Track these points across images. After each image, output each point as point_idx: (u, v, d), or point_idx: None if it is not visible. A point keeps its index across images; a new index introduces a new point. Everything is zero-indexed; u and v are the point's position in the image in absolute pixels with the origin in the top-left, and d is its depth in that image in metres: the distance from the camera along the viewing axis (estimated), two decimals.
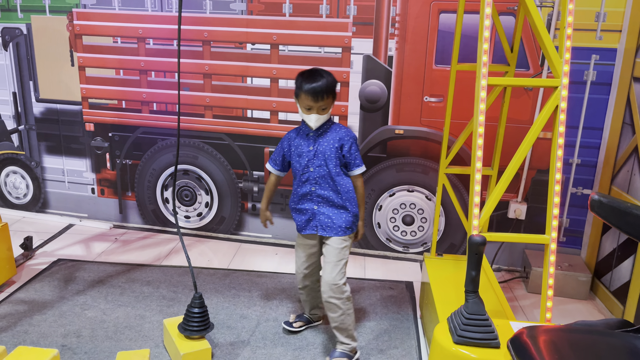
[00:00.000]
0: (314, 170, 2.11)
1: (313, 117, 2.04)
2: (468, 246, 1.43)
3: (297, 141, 2.16)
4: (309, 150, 2.12)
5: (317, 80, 2.00)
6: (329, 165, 2.10)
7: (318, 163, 2.11)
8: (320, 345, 2.30)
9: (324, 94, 2.01)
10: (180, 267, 2.98)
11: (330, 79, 2.04)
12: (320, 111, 2.04)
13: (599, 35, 2.71)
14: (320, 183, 2.12)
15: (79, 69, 3.33)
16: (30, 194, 3.70)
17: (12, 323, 2.37)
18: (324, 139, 2.11)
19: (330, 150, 2.10)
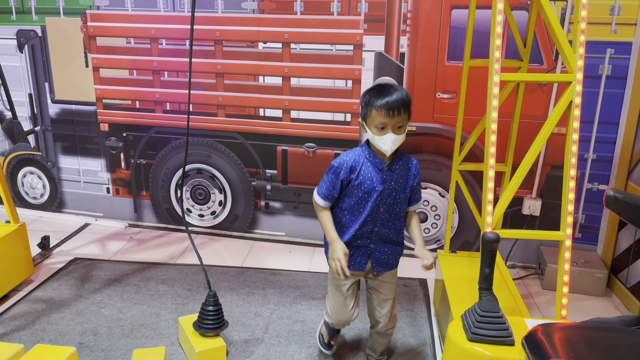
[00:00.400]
0: (384, 210, 1.83)
1: (388, 138, 1.70)
2: (481, 243, 1.42)
3: (363, 175, 1.80)
4: (382, 188, 1.79)
5: (391, 93, 1.70)
6: (402, 205, 1.85)
7: (390, 202, 1.82)
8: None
9: (400, 108, 1.69)
10: (194, 266, 3.00)
11: (405, 92, 1.74)
12: (396, 129, 1.71)
13: (613, 28, 2.68)
14: (385, 223, 1.86)
15: (93, 70, 3.37)
16: (47, 194, 3.75)
17: (31, 321, 2.41)
18: (399, 174, 1.81)
19: (405, 189, 1.83)
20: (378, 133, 1.73)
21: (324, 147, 3.18)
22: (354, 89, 3.05)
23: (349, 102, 3.07)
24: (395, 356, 2.22)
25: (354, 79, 3.03)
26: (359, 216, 1.84)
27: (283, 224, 3.41)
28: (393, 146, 1.72)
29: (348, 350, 2.26)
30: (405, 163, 1.85)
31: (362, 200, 1.82)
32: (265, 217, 3.43)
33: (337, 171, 1.81)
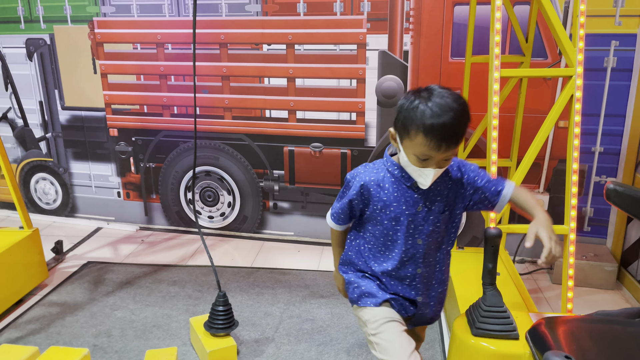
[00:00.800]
0: (423, 242, 1.41)
1: (429, 174, 1.31)
2: (484, 239, 1.43)
3: (388, 195, 1.40)
4: (416, 212, 1.39)
5: (448, 114, 1.24)
6: (449, 234, 1.45)
7: (430, 230, 1.40)
8: (344, 341, 2.32)
9: (457, 139, 1.27)
10: (205, 267, 3.04)
11: (466, 108, 1.29)
12: (442, 163, 1.31)
13: (617, 20, 2.66)
14: (428, 261, 1.44)
15: (101, 76, 3.42)
16: (59, 200, 3.81)
17: (46, 325, 2.46)
18: (436, 190, 1.39)
19: (452, 207, 1.42)
20: (417, 163, 1.32)
21: (330, 146, 3.20)
22: (359, 88, 3.06)
23: (354, 101, 3.08)
24: None
25: (359, 78, 3.04)
26: (390, 254, 1.44)
27: (291, 223, 3.43)
28: (432, 180, 1.32)
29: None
30: (443, 176, 1.39)
31: (390, 230, 1.42)
32: (273, 218, 3.46)
33: (352, 190, 1.44)
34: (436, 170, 1.31)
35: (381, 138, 3.12)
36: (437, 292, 1.50)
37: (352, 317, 2.50)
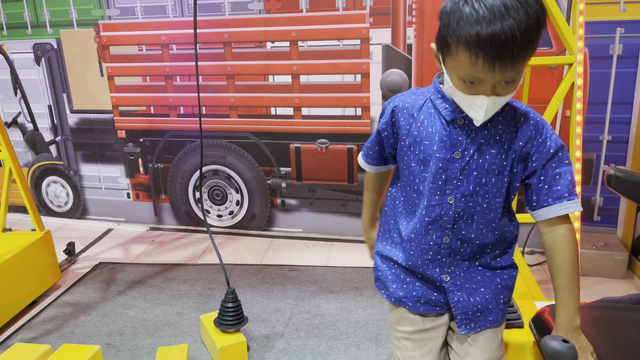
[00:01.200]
0: (456, 202, 1.10)
1: (481, 104, 0.99)
2: None
3: (419, 128, 1.10)
4: (451, 158, 1.08)
5: (502, 17, 0.89)
6: (491, 193, 1.09)
7: (470, 190, 1.08)
8: (353, 335, 2.34)
9: (517, 54, 0.92)
10: (214, 265, 3.06)
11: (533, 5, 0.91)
12: (501, 89, 0.98)
13: (622, 7, 2.64)
14: (461, 233, 1.12)
15: (108, 79, 3.45)
16: (70, 202, 3.86)
17: (59, 325, 2.50)
18: (491, 137, 1.06)
19: (502, 168, 1.07)
20: (464, 89, 0.99)
21: (336, 142, 3.21)
22: (363, 83, 3.06)
23: (359, 97, 3.09)
24: None
25: (363, 73, 3.05)
26: (415, 210, 1.14)
27: (300, 220, 3.45)
28: (488, 115, 0.99)
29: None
30: (511, 117, 1.07)
31: (417, 177, 1.11)
32: (281, 215, 3.48)
33: (381, 123, 1.17)
34: (492, 98, 0.97)
35: None
36: (476, 279, 1.15)
37: (361, 311, 2.52)
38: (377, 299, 2.61)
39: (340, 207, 3.34)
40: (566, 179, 1.06)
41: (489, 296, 1.16)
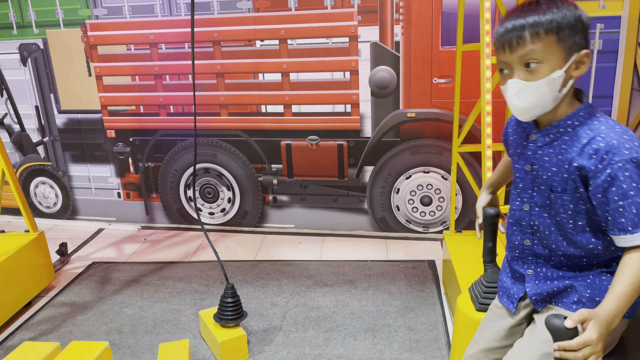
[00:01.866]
0: (531, 209, 1.21)
1: (509, 87, 1.11)
2: (483, 219, 1.50)
3: (514, 139, 1.27)
4: (524, 170, 1.21)
5: (524, 13, 1.07)
6: (562, 209, 1.15)
7: (540, 200, 1.19)
8: (350, 326, 2.39)
9: (537, 30, 1.05)
10: (209, 262, 3.09)
11: (561, 6, 1.06)
12: (522, 71, 1.09)
13: (602, 4, 2.74)
14: (543, 239, 1.21)
15: (96, 79, 3.45)
16: (59, 203, 3.84)
17: (57, 325, 2.51)
18: (553, 156, 1.14)
19: (564, 186, 1.13)
20: (500, 81, 1.15)
21: (326, 138, 3.26)
22: (352, 80, 3.12)
23: (348, 93, 3.14)
24: (410, 335, 2.31)
25: (352, 70, 3.10)
26: (510, 212, 1.28)
27: (292, 216, 3.49)
28: (522, 102, 1.10)
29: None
30: (578, 138, 1.10)
31: (513, 183, 1.25)
32: (273, 211, 3.52)
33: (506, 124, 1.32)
34: (514, 81, 1.08)
35: (376, 128, 3.17)
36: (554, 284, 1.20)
37: (357, 303, 2.58)
38: (371, 291, 2.68)
39: (331, 202, 3.39)
40: (630, 212, 1.05)
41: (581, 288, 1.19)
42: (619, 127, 1.09)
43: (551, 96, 1.09)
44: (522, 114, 1.13)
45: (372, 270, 2.92)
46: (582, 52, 1.08)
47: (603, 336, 1.00)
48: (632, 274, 1.05)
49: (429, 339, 2.28)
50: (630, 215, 1.05)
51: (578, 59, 1.09)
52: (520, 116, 1.13)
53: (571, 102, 1.14)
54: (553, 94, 1.09)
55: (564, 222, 1.16)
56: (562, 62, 1.07)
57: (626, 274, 1.06)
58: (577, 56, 1.08)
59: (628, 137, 1.07)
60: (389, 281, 2.78)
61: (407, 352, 2.20)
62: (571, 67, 1.09)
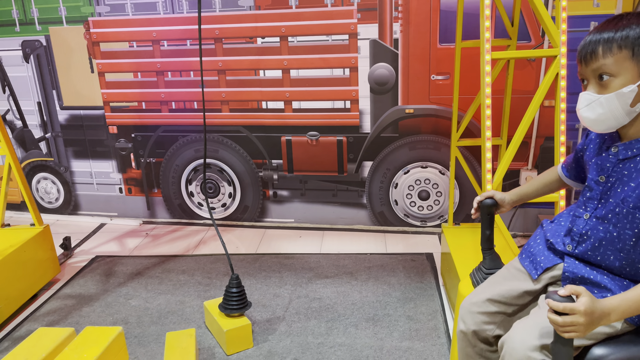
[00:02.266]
0: (588, 219, 1.26)
1: (580, 99, 1.18)
2: (480, 208, 1.56)
3: (588, 152, 1.32)
4: (597, 180, 1.24)
5: (603, 27, 1.15)
6: (626, 224, 1.18)
7: (601, 211, 1.23)
8: (351, 316, 2.45)
9: (611, 46, 1.12)
10: (211, 255, 3.15)
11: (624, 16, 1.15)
12: (595, 84, 1.16)
13: (596, 2, 2.81)
14: (587, 251, 1.26)
15: (98, 75, 3.49)
16: (61, 198, 3.88)
17: (63, 316, 2.56)
18: (634, 171, 1.17)
19: (636, 195, 1.15)
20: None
21: (326, 134, 3.32)
22: (352, 77, 3.18)
23: (348, 90, 3.20)
24: (410, 324, 2.37)
25: (351, 67, 3.16)
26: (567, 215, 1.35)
27: (292, 211, 3.55)
28: (592, 114, 1.15)
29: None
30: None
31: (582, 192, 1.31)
32: (274, 206, 3.57)
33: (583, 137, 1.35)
34: (586, 93, 1.15)
35: (375, 124, 3.24)
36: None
37: (357, 294, 2.64)
38: (371, 283, 2.74)
39: (331, 197, 3.45)
40: None
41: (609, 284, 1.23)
42: None
43: (622, 110, 1.13)
44: (592, 125, 1.17)
45: (372, 262, 2.98)
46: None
47: (591, 317, 1.04)
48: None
49: (428, 327, 2.34)
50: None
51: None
52: (592, 127, 1.17)
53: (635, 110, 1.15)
54: (625, 108, 1.12)
55: (626, 237, 1.18)
56: (635, 77, 1.11)
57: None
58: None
59: None
60: (389, 273, 2.84)
61: (407, 340, 2.26)
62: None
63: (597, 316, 1.06)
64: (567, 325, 1.04)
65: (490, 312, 1.39)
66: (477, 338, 1.42)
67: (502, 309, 1.39)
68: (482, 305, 1.40)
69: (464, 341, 1.45)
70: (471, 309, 1.42)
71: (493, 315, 1.40)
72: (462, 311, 1.44)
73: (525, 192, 1.57)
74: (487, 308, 1.39)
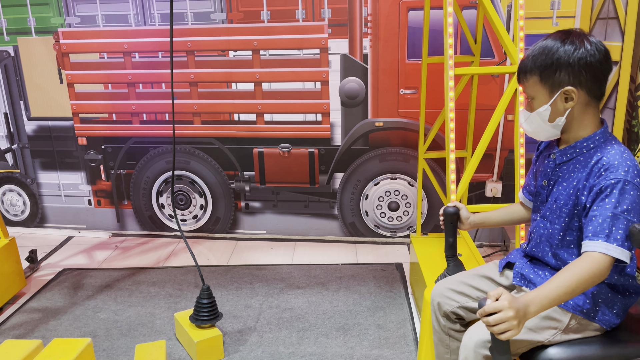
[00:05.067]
0: (537, 223, 1.42)
1: (520, 115, 1.37)
2: (443, 216, 1.62)
3: (538, 162, 1.47)
4: (542, 185, 1.40)
5: (527, 53, 1.32)
6: (555, 219, 1.35)
7: (546, 213, 1.38)
8: (322, 326, 2.48)
9: (525, 72, 1.30)
10: (182, 267, 3.13)
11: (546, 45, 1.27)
12: (527, 102, 1.34)
13: (555, 22, 2.95)
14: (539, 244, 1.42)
15: (68, 86, 3.46)
16: (27, 210, 3.81)
17: (30, 330, 2.51)
18: (567, 173, 1.32)
19: (566, 194, 1.31)
20: None
21: (298, 146, 3.36)
22: (323, 90, 3.24)
23: (319, 103, 3.26)
24: (380, 332, 2.42)
25: (322, 80, 3.22)
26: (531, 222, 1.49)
27: (264, 222, 3.57)
28: (528, 127, 1.33)
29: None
30: (589, 160, 1.27)
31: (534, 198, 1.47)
32: (246, 217, 3.59)
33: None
34: (522, 110, 1.33)
35: (346, 136, 3.30)
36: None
37: (328, 304, 2.67)
38: (342, 292, 2.78)
39: (302, 208, 3.49)
40: (597, 221, 1.20)
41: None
42: (627, 154, 1.25)
43: (545, 125, 1.30)
44: (533, 136, 1.34)
45: (343, 272, 3.02)
46: (567, 88, 1.24)
47: (516, 310, 1.12)
48: (566, 275, 1.18)
49: (397, 335, 2.39)
50: (595, 224, 1.21)
51: (565, 94, 1.25)
52: (534, 137, 1.34)
53: (591, 127, 1.29)
54: (547, 124, 1.29)
55: (555, 232, 1.34)
56: (547, 98, 1.27)
57: (562, 273, 1.19)
58: (563, 92, 1.25)
59: (630, 163, 1.23)
60: (359, 283, 2.89)
61: (377, 348, 2.30)
62: (557, 101, 1.26)
63: (522, 309, 1.14)
64: (500, 323, 1.12)
65: (457, 290, 1.54)
66: (440, 313, 1.57)
67: (466, 291, 1.53)
68: (451, 282, 1.57)
69: (432, 314, 1.60)
70: (443, 284, 1.58)
71: (457, 295, 1.54)
72: (436, 287, 1.61)
73: (488, 217, 1.66)
74: (456, 286, 1.55)
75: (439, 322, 1.59)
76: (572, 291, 1.17)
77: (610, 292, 1.31)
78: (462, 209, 1.62)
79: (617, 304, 1.31)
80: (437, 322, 1.59)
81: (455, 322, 1.56)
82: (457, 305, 1.53)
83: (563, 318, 1.32)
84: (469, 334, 1.36)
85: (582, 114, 1.27)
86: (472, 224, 1.63)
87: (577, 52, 1.22)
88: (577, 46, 1.23)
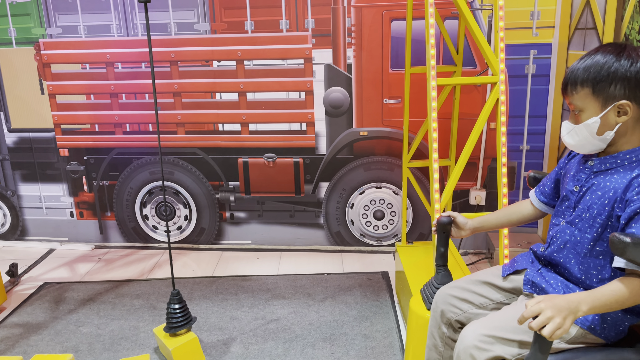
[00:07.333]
0: (564, 228, 1.38)
1: (562, 127, 1.35)
2: (437, 226, 1.63)
3: (569, 166, 1.45)
4: (572, 190, 1.37)
5: (578, 63, 1.28)
6: (587, 229, 1.31)
7: (570, 216, 1.36)
8: (308, 336, 2.47)
9: (570, 82, 1.28)
10: (166, 279, 3.10)
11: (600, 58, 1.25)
12: (572, 114, 1.32)
13: (535, 32, 3.00)
14: (561, 249, 1.38)
15: (49, 97, 3.42)
16: (7, 223, 3.74)
17: (10, 346, 2.46)
18: (601, 184, 1.30)
19: (600, 203, 1.28)
20: None
21: (283, 156, 3.36)
22: (307, 100, 3.25)
23: (304, 112, 3.26)
24: (366, 342, 2.41)
25: (307, 90, 3.23)
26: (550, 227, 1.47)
27: (249, 232, 3.55)
28: (570, 140, 1.32)
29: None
30: (629, 172, 1.25)
31: (559, 203, 1.44)
32: (231, 228, 3.56)
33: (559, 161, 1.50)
34: (565, 122, 1.31)
35: (331, 146, 3.31)
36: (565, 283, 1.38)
37: (314, 314, 2.66)
38: (328, 302, 2.77)
39: (288, 218, 3.48)
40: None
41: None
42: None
43: (592, 138, 1.28)
44: (575, 149, 1.33)
45: (329, 282, 3.01)
46: (621, 102, 1.23)
47: (554, 304, 1.12)
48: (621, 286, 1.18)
49: (384, 345, 2.39)
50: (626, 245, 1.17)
51: (618, 107, 1.24)
52: (576, 151, 1.34)
53: (637, 141, 1.28)
54: (595, 137, 1.27)
55: (585, 241, 1.31)
56: (598, 111, 1.25)
57: (616, 284, 1.19)
58: (616, 105, 1.24)
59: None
60: (345, 292, 2.88)
61: (363, 358, 2.30)
62: (609, 114, 1.25)
63: (566, 306, 1.14)
64: (544, 323, 1.12)
65: (460, 297, 1.52)
66: (442, 320, 1.54)
67: (470, 298, 1.52)
68: (454, 289, 1.54)
69: (433, 319, 1.58)
70: (446, 290, 1.55)
71: (462, 302, 1.52)
72: (439, 292, 1.57)
73: (486, 220, 1.66)
74: (459, 293, 1.53)
75: (439, 329, 1.56)
76: (622, 303, 1.18)
77: (622, 312, 1.30)
78: (458, 216, 1.62)
79: (625, 323, 1.32)
80: (437, 329, 1.56)
81: (457, 330, 1.53)
82: (461, 313, 1.52)
83: (570, 329, 1.31)
84: (472, 327, 1.34)
85: (633, 128, 1.27)
86: (471, 228, 1.62)
87: (634, 66, 1.22)
88: (635, 60, 1.23)
